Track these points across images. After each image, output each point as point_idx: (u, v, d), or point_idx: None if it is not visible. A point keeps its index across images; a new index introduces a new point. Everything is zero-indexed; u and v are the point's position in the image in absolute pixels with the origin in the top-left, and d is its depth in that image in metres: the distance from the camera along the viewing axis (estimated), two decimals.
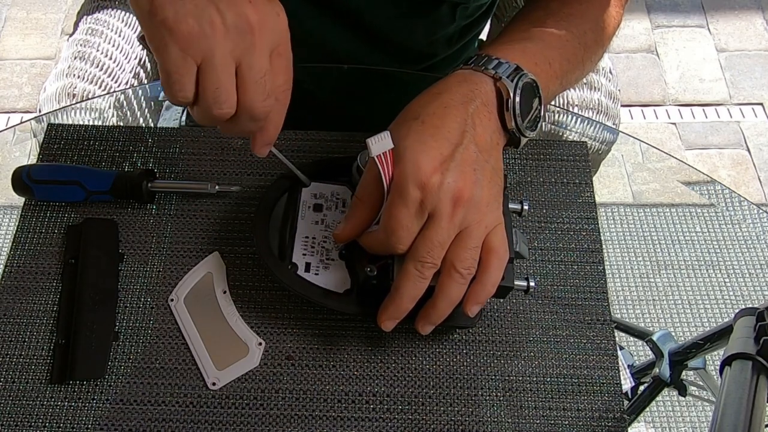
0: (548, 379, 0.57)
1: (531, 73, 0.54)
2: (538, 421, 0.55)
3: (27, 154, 0.71)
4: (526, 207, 0.57)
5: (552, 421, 0.55)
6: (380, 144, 0.48)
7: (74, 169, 0.62)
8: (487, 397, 0.56)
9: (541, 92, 0.55)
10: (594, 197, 0.65)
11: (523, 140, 0.54)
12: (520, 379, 0.57)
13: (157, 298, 0.59)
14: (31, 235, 0.62)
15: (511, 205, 0.56)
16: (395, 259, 0.51)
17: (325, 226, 0.57)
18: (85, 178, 0.61)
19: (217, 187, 0.62)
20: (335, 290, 0.55)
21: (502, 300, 0.60)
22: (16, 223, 0.62)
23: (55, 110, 0.81)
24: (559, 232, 0.64)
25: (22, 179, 0.61)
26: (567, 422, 0.55)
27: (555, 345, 0.58)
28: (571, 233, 0.64)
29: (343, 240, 0.53)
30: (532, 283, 0.54)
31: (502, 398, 0.56)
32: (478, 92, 0.52)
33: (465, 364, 0.57)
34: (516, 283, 0.54)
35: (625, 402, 0.85)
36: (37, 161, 0.66)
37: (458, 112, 0.50)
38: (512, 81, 0.52)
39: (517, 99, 0.52)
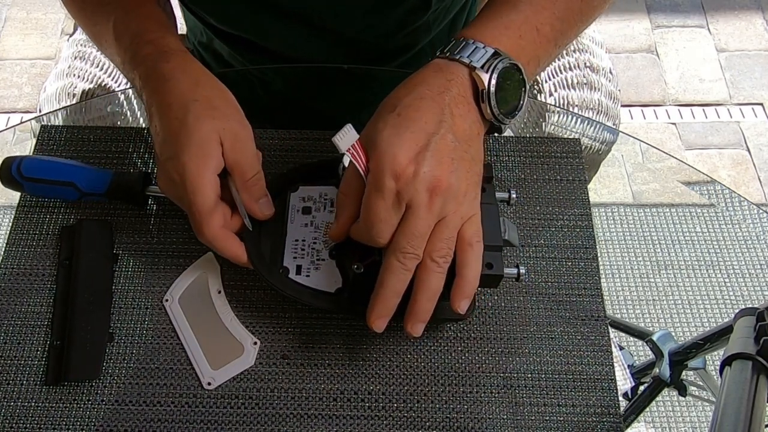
0: (543, 376, 0.57)
1: (512, 54, 0.52)
2: (533, 417, 0.55)
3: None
4: (513, 195, 0.57)
5: (547, 417, 0.55)
6: (346, 138, 0.49)
7: (68, 167, 0.61)
8: (483, 394, 0.56)
9: (525, 74, 0.53)
10: (587, 194, 0.65)
11: (505, 127, 0.54)
12: (515, 375, 0.57)
13: (152, 299, 0.59)
14: (26, 237, 0.62)
15: (498, 194, 0.56)
16: (383, 255, 0.51)
17: (314, 228, 0.58)
18: (79, 179, 0.60)
19: None
20: (327, 290, 0.55)
21: (496, 297, 0.60)
22: (10, 224, 0.62)
23: (55, 110, 0.81)
24: (553, 229, 0.63)
25: (10, 173, 0.60)
26: (562, 417, 0.55)
27: (550, 341, 0.58)
28: (565, 230, 0.63)
29: (337, 238, 0.53)
30: (522, 270, 0.54)
31: (497, 395, 0.56)
32: (454, 82, 0.51)
33: (460, 361, 0.57)
34: (506, 270, 0.53)
35: (625, 401, 0.85)
36: None
37: (435, 103, 0.50)
38: (487, 71, 0.51)
39: (492, 90, 0.51)
